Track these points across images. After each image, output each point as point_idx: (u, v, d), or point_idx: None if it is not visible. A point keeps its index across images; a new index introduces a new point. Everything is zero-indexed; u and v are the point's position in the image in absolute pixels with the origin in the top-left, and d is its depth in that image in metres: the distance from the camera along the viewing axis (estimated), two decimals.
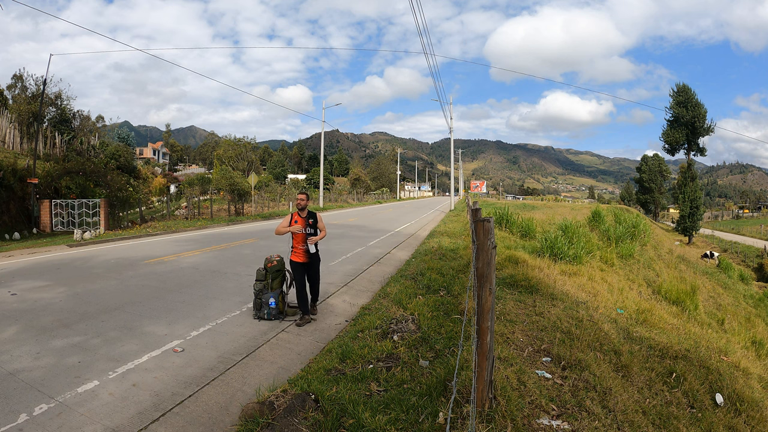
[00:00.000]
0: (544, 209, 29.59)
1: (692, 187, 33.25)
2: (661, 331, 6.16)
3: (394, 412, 3.03)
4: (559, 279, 7.67)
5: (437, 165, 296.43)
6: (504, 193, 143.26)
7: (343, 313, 5.88)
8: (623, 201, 69.13)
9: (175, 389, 3.58)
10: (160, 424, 3.07)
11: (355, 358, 4.06)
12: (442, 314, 5.42)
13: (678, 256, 21.77)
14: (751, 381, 5.31)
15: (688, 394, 4.20)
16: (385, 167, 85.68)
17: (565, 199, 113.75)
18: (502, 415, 2.87)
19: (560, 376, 3.78)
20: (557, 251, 10.05)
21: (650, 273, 13.81)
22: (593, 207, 26.41)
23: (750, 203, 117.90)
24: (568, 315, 5.64)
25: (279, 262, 5.65)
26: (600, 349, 4.58)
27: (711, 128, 33.09)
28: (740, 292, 18.60)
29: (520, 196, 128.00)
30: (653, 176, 56.98)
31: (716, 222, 66.44)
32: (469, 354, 3.66)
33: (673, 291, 10.33)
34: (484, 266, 2.77)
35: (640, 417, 3.39)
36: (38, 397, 3.36)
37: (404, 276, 7.86)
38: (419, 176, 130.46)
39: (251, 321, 5.40)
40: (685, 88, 34.08)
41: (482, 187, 79.21)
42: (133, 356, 4.19)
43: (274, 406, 3.08)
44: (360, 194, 56.53)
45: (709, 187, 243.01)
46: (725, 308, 13.62)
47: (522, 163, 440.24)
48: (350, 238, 14.03)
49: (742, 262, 28.69)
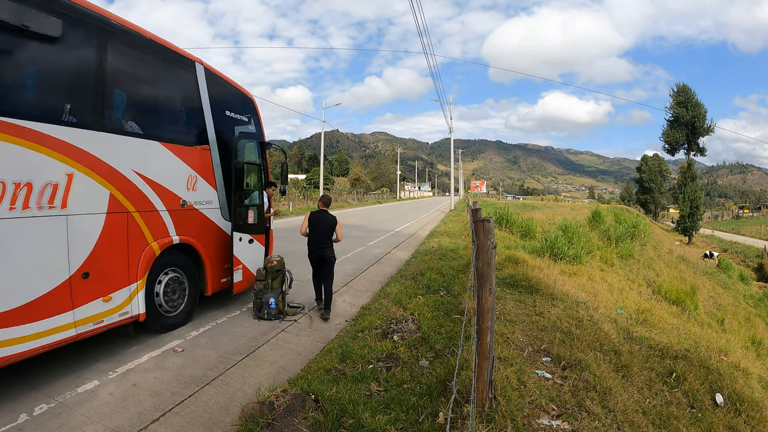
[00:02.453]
0: (544, 209, 29.60)
1: (692, 187, 33.24)
2: (661, 331, 6.16)
3: (394, 412, 3.03)
4: (559, 279, 7.67)
5: (437, 165, 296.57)
6: (504, 193, 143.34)
7: (343, 313, 5.88)
8: (623, 201, 69.19)
9: (175, 389, 3.58)
10: (160, 424, 3.08)
11: (355, 358, 4.06)
12: (442, 314, 5.42)
13: (678, 256, 21.78)
14: (751, 381, 5.32)
15: (688, 394, 4.21)
16: (385, 167, 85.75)
17: (565, 199, 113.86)
18: (502, 415, 2.87)
19: (560, 376, 3.78)
20: (557, 251, 10.05)
21: (650, 273, 13.82)
22: (593, 207, 26.43)
23: (750, 203, 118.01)
24: (568, 315, 5.64)
25: (279, 262, 5.64)
26: (600, 349, 4.58)
27: (711, 128, 33.08)
28: (740, 292, 18.60)
29: (520, 196, 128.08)
30: (653, 176, 56.99)
31: (716, 222, 66.49)
32: (469, 354, 3.66)
33: (673, 291, 10.34)
34: (484, 266, 2.77)
35: (640, 417, 3.39)
36: (38, 397, 3.36)
37: (404, 276, 7.86)
38: (419, 176, 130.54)
39: (251, 321, 5.40)
40: (685, 88, 34.08)
41: (482, 187, 79.27)
42: (133, 356, 4.19)
43: (274, 406, 3.08)
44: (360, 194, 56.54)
45: (709, 187, 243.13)
46: (725, 308, 13.62)
47: (522, 163, 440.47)
48: (350, 237, 14.03)
49: (742, 262, 28.69)
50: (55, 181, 3.51)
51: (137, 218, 4.35)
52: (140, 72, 4.58)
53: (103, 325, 3.98)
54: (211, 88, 5.46)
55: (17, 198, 3.24)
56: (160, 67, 4.83)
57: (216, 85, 5.59)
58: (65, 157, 3.59)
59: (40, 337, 3.41)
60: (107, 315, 4.02)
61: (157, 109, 4.88)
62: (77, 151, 3.70)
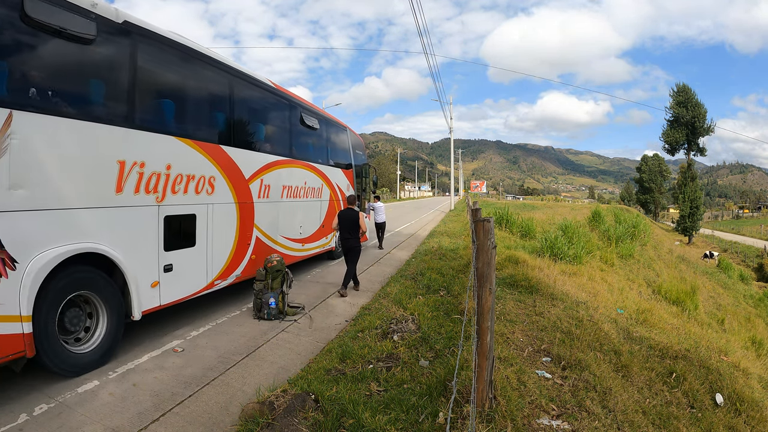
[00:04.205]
0: (544, 209, 29.59)
1: (692, 187, 33.22)
2: (661, 331, 6.16)
3: (394, 412, 3.03)
4: (559, 279, 7.67)
5: (437, 165, 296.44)
6: (504, 193, 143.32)
7: (343, 313, 5.88)
8: (623, 201, 69.12)
9: (175, 389, 3.58)
10: (160, 424, 3.08)
11: (355, 358, 4.06)
12: (442, 314, 5.42)
13: (678, 256, 21.78)
14: (751, 381, 5.32)
15: (688, 394, 4.21)
16: (384, 167, 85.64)
17: (565, 199, 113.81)
18: (502, 415, 2.87)
19: (560, 376, 3.78)
20: (557, 251, 10.05)
21: (650, 273, 13.82)
22: (593, 207, 26.43)
23: (750, 203, 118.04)
24: (568, 315, 5.64)
25: (279, 262, 5.64)
26: (600, 349, 4.58)
27: (711, 128, 33.03)
28: (740, 292, 18.61)
29: (520, 196, 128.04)
30: (653, 176, 56.95)
31: (716, 222, 66.51)
32: (469, 354, 3.66)
33: (673, 291, 10.35)
34: (484, 266, 2.77)
35: (640, 417, 3.39)
36: (38, 397, 3.36)
37: (404, 276, 7.86)
38: (419, 176, 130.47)
39: (251, 321, 5.40)
40: (685, 88, 34.05)
41: (482, 187, 79.24)
42: (133, 356, 4.19)
43: (274, 406, 3.08)
44: None
45: (709, 187, 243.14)
46: (725, 308, 13.63)
47: (522, 163, 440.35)
48: None
49: (742, 262, 28.71)
50: (318, 186, 8.57)
51: (335, 203, 9.47)
52: (333, 137, 9.68)
53: (327, 248, 9.26)
54: (351, 138, 10.80)
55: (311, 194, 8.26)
56: (337, 133, 9.97)
57: (353, 136, 10.99)
58: (324, 177, 8.87)
59: (314, 249, 8.55)
60: (327, 244, 9.21)
61: (336, 153, 9.84)
62: (322, 172, 8.74)
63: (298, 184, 7.64)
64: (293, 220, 7.62)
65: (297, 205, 7.71)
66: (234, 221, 5.93)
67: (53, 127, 3.48)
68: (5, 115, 3.11)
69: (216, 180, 5.43)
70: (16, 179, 3.20)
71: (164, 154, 4.60)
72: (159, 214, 4.55)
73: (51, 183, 3.48)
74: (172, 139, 4.73)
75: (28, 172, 3.29)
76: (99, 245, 3.86)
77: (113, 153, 4.00)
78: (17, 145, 3.19)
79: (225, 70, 5.76)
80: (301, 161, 7.75)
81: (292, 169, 7.43)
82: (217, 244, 5.58)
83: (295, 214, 7.71)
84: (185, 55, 5.03)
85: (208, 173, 5.28)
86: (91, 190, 3.83)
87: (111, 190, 3.99)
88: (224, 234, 5.74)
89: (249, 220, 6.25)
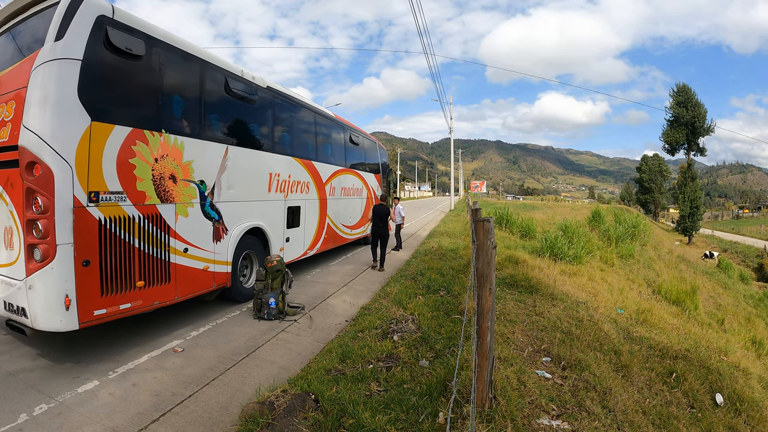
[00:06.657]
0: (544, 209, 29.59)
1: (692, 187, 33.20)
2: (661, 331, 6.16)
3: (394, 412, 3.03)
4: (559, 279, 7.67)
5: (437, 165, 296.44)
6: (504, 193, 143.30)
7: (343, 313, 5.88)
8: (623, 201, 69.13)
9: (175, 389, 3.58)
10: (160, 424, 3.07)
11: (355, 358, 4.05)
12: (442, 314, 5.42)
13: (678, 256, 21.77)
14: (751, 381, 5.32)
15: (688, 394, 4.21)
16: None
17: (565, 199, 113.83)
18: (502, 415, 2.87)
19: (560, 376, 3.78)
20: (557, 251, 10.05)
21: (650, 273, 13.82)
22: (593, 207, 26.42)
23: (750, 203, 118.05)
24: (568, 315, 5.64)
25: (279, 262, 5.64)
26: (600, 349, 4.58)
27: (711, 128, 33.01)
28: (740, 292, 18.60)
29: (520, 196, 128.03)
30: (653, 176, 56.91)
31: (716, 222, 66.50)
32: (469, 354, 3.66)
33: (673, 291, 10.33)
34: (484, 266, 2.77)
35: (640, 417, 3.39)
36: (38, 397, 3.36)
37: (404, 276, 7.86)
38: (419, 176, 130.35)
39: (251, 321, 5.40)
40: (685, 88, 34.03)
41: (482, 187, 79.26)
42: (133, 356, 4.19)
43: (274, 406, 3.08)
44: None
45: (709, 187, 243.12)
46: (725, 308, 13.62)
47: (522, 163, 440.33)
48: None
49: (742, 262, 28.70)
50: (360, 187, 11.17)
51: (370, 200, 11.78)
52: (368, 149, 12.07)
53: (364, 235, 11.59)
54: (380, 150, 13.18)
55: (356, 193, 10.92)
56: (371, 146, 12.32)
57: (381, 149, 13.33)
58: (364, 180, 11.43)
59: (357, 234, 11.14)
60: (364, 232, 11.54)
61: (370, 161, 12.15)
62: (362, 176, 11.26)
63: (349, 186, 10.28)
64: (346, 212, 10.22)
65: (348, 201, 10.31)
66: (317, 211, 8.51)
67: (243, 155, 5.88)
68: (224, 149, 5.46)
69: (309, 184, 8.01)
70: (229, 183, 5.55)
71: (287, 168, 7.16)
72: (285, 205, 7.16)
73: (243, 186, 5.87)
74: (290, 159, 7.30)
75: (235, 179, 5.65)
76: (260, 223, 6.34)
77: (267, 168, 6.55)
78: (230, 165, 5.56)
79: (313, 110, 8.38)
80: (350, 169, 10.43)
81: (347, 175, 10.14)
82: (309, 226, 8.17)
83: (347, 208, 10.28)
84: (296, 104, 7.63)
85: (305, 179, 7.83)
86: (257, 190, 6.32)
87: (265, 190, 6.54)
88: (313, 220, 8.34)
89: (324, 211, 8.86)
